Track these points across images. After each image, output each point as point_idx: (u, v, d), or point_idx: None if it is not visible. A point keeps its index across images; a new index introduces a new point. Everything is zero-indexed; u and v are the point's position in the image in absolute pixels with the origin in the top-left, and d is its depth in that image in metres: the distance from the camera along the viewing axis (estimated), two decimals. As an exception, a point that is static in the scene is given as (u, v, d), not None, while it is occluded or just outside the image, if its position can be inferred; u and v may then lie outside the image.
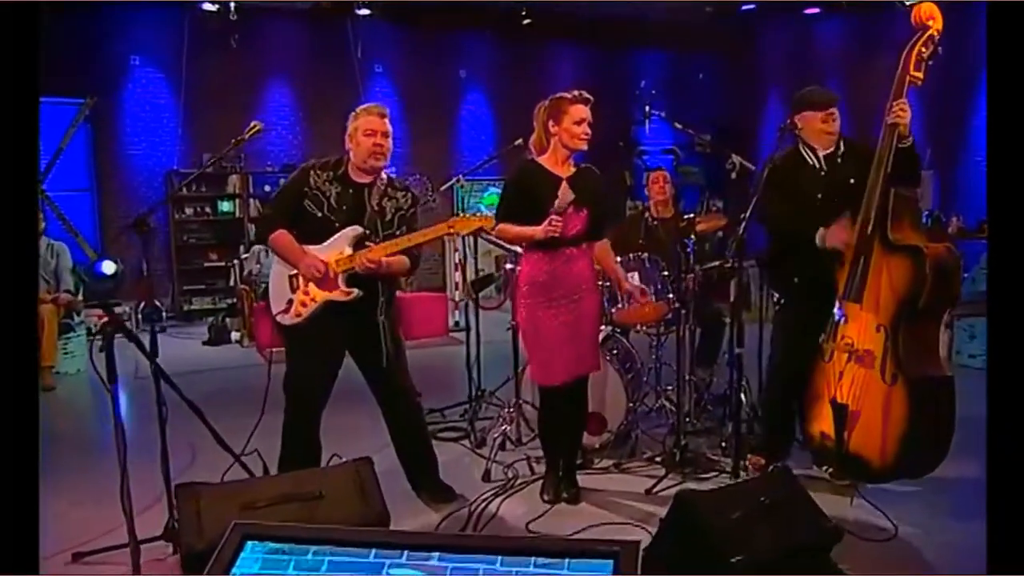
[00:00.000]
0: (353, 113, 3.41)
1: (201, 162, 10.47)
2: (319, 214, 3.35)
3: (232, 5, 9.36)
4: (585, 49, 12.60)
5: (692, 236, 4.45)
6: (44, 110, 9.74)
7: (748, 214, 3.12)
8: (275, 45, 10.97)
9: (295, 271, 3.36)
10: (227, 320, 8.75)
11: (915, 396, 3.09)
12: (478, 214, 3.39)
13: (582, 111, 3.44)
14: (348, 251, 3.32)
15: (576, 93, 3.46)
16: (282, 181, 3.70)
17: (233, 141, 3.43)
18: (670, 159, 12.29)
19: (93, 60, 10.00)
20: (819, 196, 3.53)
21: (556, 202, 3.31)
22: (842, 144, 3.63)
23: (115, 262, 9.56)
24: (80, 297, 7.20)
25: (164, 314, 9.98)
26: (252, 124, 3.34)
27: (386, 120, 3.40)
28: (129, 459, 2.66)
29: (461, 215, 3.37)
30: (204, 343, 8.44)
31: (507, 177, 3.63)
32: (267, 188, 10.87)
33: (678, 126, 4.46)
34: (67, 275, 6.90)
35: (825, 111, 3.55)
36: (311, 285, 3.33)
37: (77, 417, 5.94)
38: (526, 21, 11.32)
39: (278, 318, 3.39)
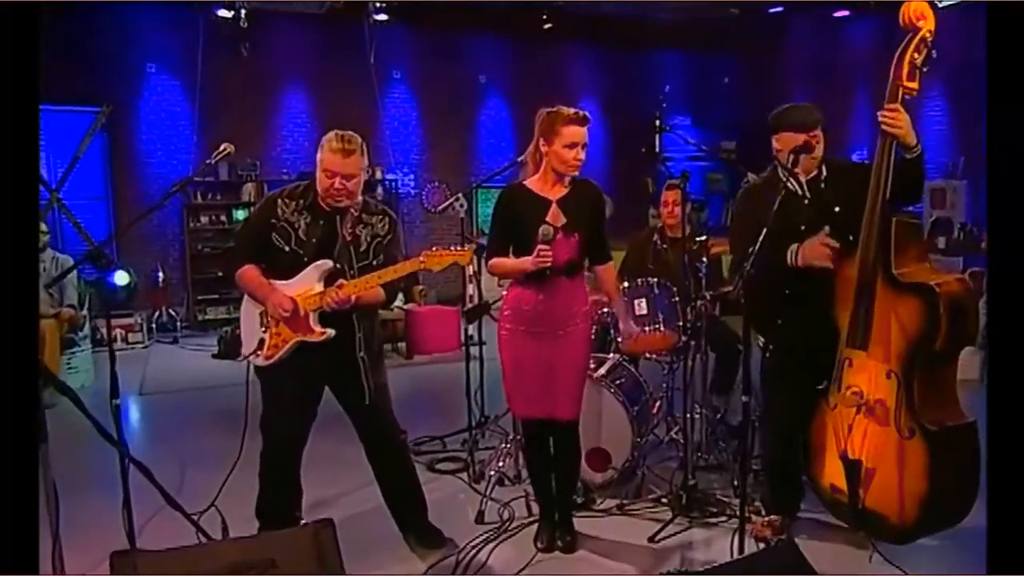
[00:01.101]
0: (325, 138, 3.10)
1: (216, 171, 10.36)
2: (286, 248, 3.12)
3: (243, 12, 9.20)
4: (607, 52, 12.34)
5: (704, 259, 4.19)
6: (60, 119, 9.74)
7: (757, 246, 2.83)
8: (291, 51, 10.85)
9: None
10: (238, 332, 8.59)
11: (935, 450, 2.79)
12: (454, 249, 3.09)
13: (575, 133, 3.10)
14: (318, 287, 3.07)
15: (572, 112, 3.12)
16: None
17: (204, 164, 3.21)
18: (694, 167, 12.00)
19: (109, 68, 9.95)
20: (803, 227, 3.14)
21: (540, 231, 3.02)
22: (824, 167, 3.22)
23: (128, 272, 9.46)
24: (84, 311, 7.08)
25: (179, 324, 9.90)
26: (222, 147, 3.11)
27: (353, 159, 3.03)
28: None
29: (435, 249, 3.09)
30: (213, 356, 8.30)
31: (494, 205, 3.35)
32: (283, 196, 10.73)
33: (690, 142, 4.18)
34: (71, 289, 6.78)
35: (808, 133, 3.12)
36: (282, 324, 3.10)
37: (75, 437, 5.79)
38: (547, 25, 11.06)
39: (250, 359, 3.19)
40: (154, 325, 9.72)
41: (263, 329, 3.16)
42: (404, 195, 11.60)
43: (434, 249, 3.08)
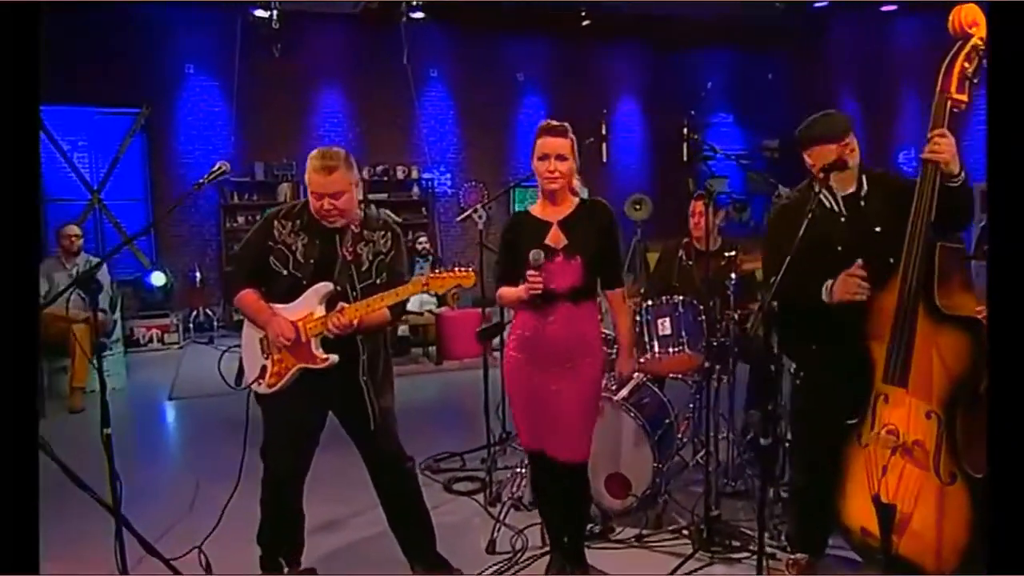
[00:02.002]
0: (309, 156, 2.99)
1: (253, 170, 10.42)
2: (284, 272, 2.99)
3: (275, 13, 9.18)
4: (647, 49, 12.12)
5: (732, 276, 3.99)
6: (101, 120, 9.90)
7: (779, 276, 2.63)
8: (327, 51, 10.85)
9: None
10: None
11: (979, 498, 2.55)
12: (456, 271, 2.91)
13: (545, 145, 2.89)
14: (320, 311, 2.94)
15: (543, 123, 2.96)
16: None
17: (195, 185, 3.11)
18: (734, 165, 11.71)
19: (148, 69, 10.07)
20: (839, 248, 2.89)
21: (530, 256, 2.82)
22: (864, 180, 2.96)
23: (165, 273, 9.58)
24: (115, 316, 7.11)
25: (215, 323, 9.96)
26: (218, 165, 3.00)
27: (336, 175, 2.88)
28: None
29: (438, 271, 2.92)
30: (245, 358, 8.27)
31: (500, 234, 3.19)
32: (318, 196, 10.73)
33: (717, 150, 3.98)
34: (101, 293, 6.80)
35: (840, 142, 2.88)
36: (284, 351, 2.98)
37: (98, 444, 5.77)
38: (585, 22, 10.87)
39: (253, 387, 3.05)
40: (191, 325, 9.79)
41: (265, 356, 3.04)
42: (441, 194, 11.54)
43: (438, 271, 2.93)
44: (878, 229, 2.85)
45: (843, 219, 2.94)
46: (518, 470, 4.09)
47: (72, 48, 9.47)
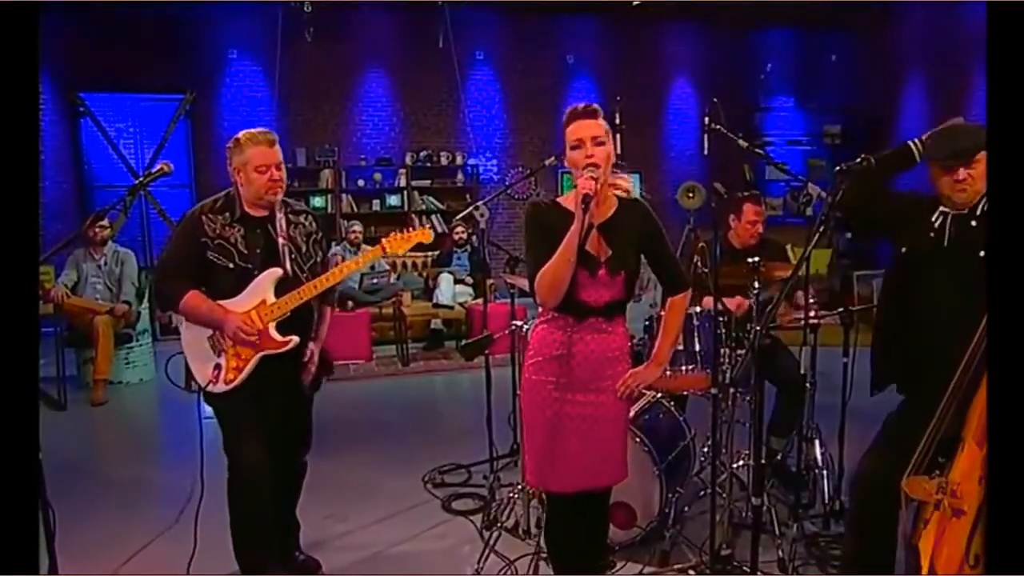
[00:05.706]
0: (233, 141, 2.99)
1: (293, 157, 10.31)
2: (231, 265, 2.96)
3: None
4: (702, 29, 11.57)
5: (755, 285, 3.60)
6: (146, 107, 9.93)
7: (786, 289, 2.26)
8: (370, 34, 10.65)
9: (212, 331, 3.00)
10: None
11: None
12: (417, 229, 3.04)
13: (578, 129, 2.48)
14: (271, 298, 2.94)
15: (570, 108, 2.54)
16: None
17: (130, 188, 2.95)
18: (795, 151, 11.14)
19: (192, 55, 10.04)
20: (922, 277, 2.56)
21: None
22: (982, 203, 2.53)
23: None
24: (142, 306, 7.04)
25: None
26: (159, 166, 2.89)
27: (276, 148, 2.97)
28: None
29: (396, 233, 3.06)
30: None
31: (526, 225, 2.62)
32: (360, 183, 10.59)
33: (742, 142, 3.58)
34: (128, 284, 6.74)
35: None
36: (240, 344, 2.95)
37: (117, 438, 5.69)
38: (637, 1, 10.39)
39: (209, 388, 3.00)
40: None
41: (218, 354, 3.00)
42: (486, 181, 11.25)
43: (396, 233, 3.07)
44: (983, 254, 2.43)
45: (945, 244, 2.56)
46: (511, 495, 3.80)
47: (117, 35, 9.50)
